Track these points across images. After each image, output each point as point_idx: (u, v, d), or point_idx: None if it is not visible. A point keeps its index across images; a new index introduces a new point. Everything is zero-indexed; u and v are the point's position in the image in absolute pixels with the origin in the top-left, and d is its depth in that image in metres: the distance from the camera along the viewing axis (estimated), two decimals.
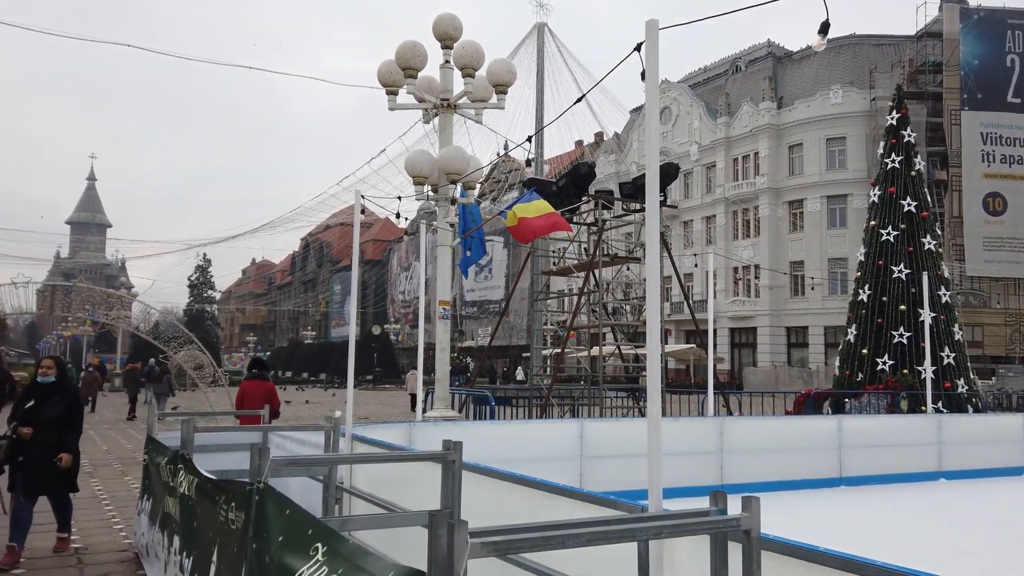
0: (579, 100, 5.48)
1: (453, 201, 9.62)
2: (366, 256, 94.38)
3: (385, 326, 68.68)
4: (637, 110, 57.27)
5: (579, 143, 71.50)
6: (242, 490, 3.52)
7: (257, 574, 3.18)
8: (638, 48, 3.29)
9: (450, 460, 3.93)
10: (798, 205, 45.84)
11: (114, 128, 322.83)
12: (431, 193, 9.80)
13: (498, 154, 61.59)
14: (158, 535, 5.49)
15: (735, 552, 2.35)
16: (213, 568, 3.91)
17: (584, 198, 12.92)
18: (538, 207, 10.10)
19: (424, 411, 10.91)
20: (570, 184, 12.21)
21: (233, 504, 3.68)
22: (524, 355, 55.34)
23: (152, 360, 35.98)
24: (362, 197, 6.78)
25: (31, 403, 6.46)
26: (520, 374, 47.00)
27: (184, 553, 4.72)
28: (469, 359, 58.77)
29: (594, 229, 13.34)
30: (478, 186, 10.30)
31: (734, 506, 2.41)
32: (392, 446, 5.90)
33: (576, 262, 13.95)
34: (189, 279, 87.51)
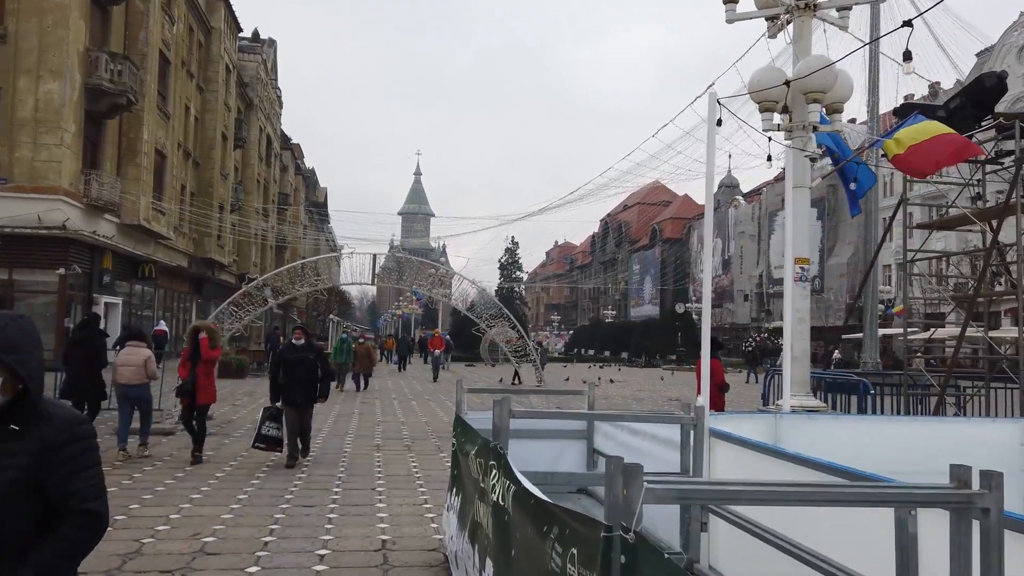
0: None
1: (815, 128, 7.44)
2: (665, 234, 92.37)
3: (687, 305, 66.17)
4: None
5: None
6: (595, 535, 1.99)
7: None
8: None
9: (979, 506, 2.07)
10: None
11: (437, 124, 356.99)
12: (780, 121, 7.73)
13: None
14: (467, 546, 4.33)
15: None
16: None
17: (987, 120, 9.67)
18: (927, 129, 7.54)
19: (770, 400, 8.83)
20: (967, 103, 9.17)
21: (574, 553, 2.18)
22: (843, 336, 49.50)
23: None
24: (718, 103, 4.99)
25: None
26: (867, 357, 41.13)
27: None
28: (780, 340, 54.00)
29: (1002, 164, 10.01)
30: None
31: None
32: (768, 447, 4.13)
33: (960, 211, 10.65)
34: (499, 261, 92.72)
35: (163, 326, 31.79)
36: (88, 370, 9.93)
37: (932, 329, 13.73)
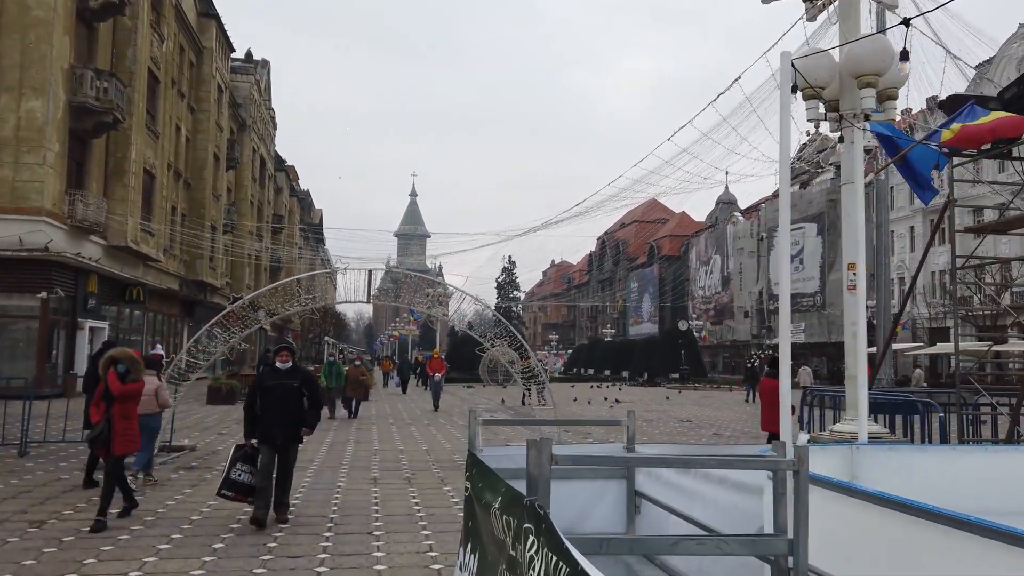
0: None
1: (866, 117, 6.58)
2: (663, 252, 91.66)
3: (690, 323, 65.25)
4: None
5: None
6: None
7: None
8: None
9: None
10: None
11: (435, 147, 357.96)
12: (824, 111, 6.86)
13: (807, 132, 55.23)
14: None
15: None
16: None
17: None
18: (986, 117, 6.76)
19: (810, 426, 7.96)
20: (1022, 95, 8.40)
21: None
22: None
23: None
24: (792, 66, 4.10)
25: None
26: (919, 375, 39.80)
27: None
28: None
29: None
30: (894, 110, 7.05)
31: None
32: (889, 498, 3.21)
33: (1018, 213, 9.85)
34: (496, 280, 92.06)
35: (160, 350, 30.81)
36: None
37: (991, 344, 12.73)
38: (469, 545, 4.36)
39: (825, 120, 6.79)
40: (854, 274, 6.50)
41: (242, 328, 15.51)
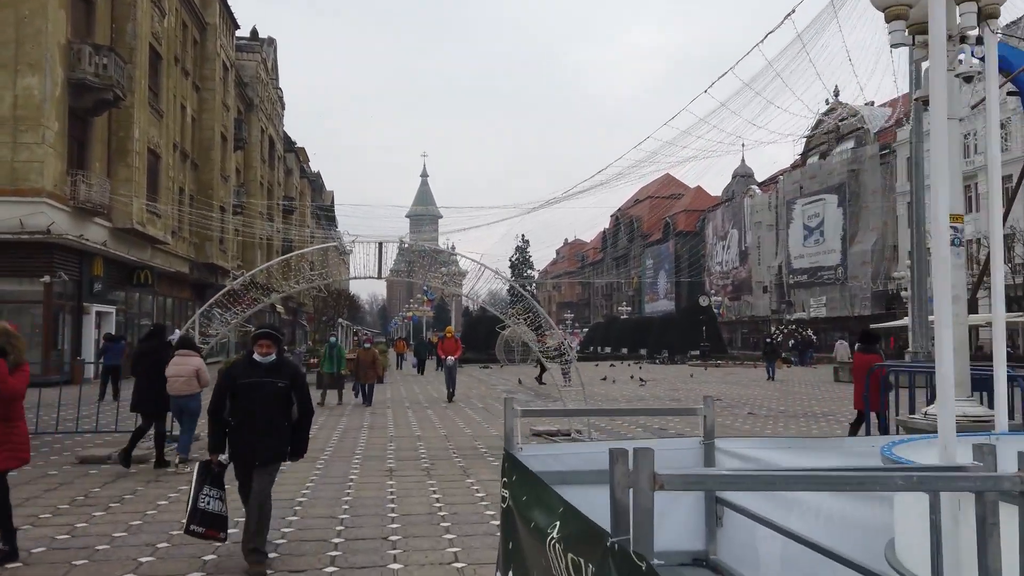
0: None
1: (963, 39, 5.50)
2: (678, 227, 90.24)
3: (712, 298, 64.08)
4: None
5: None
6: None
7: None
8: None
9: None
10: None
11: (444, 128, 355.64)
12: (905, 36, 5.78)
13: (827, 101, 53.53)
14: None
15: None
16: None
17: None
18: None
19: (892, 410, 7.04)
20: None
21: None
22: (872, 326, 47.41)
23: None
24: None
25: None
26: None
27: None
28: (810, 332, 52.03)
29: None
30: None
31: None
32: None
33: None
34: (510, 260, 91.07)
35: (177, 334, 30.10)
36: (155, 382, 9.42)
37: None
38: (510, 573, 3.43)
39: (913, 45, 5.72)
40: (954, 227, 5.46)
41: (248, 307, 14.64)
